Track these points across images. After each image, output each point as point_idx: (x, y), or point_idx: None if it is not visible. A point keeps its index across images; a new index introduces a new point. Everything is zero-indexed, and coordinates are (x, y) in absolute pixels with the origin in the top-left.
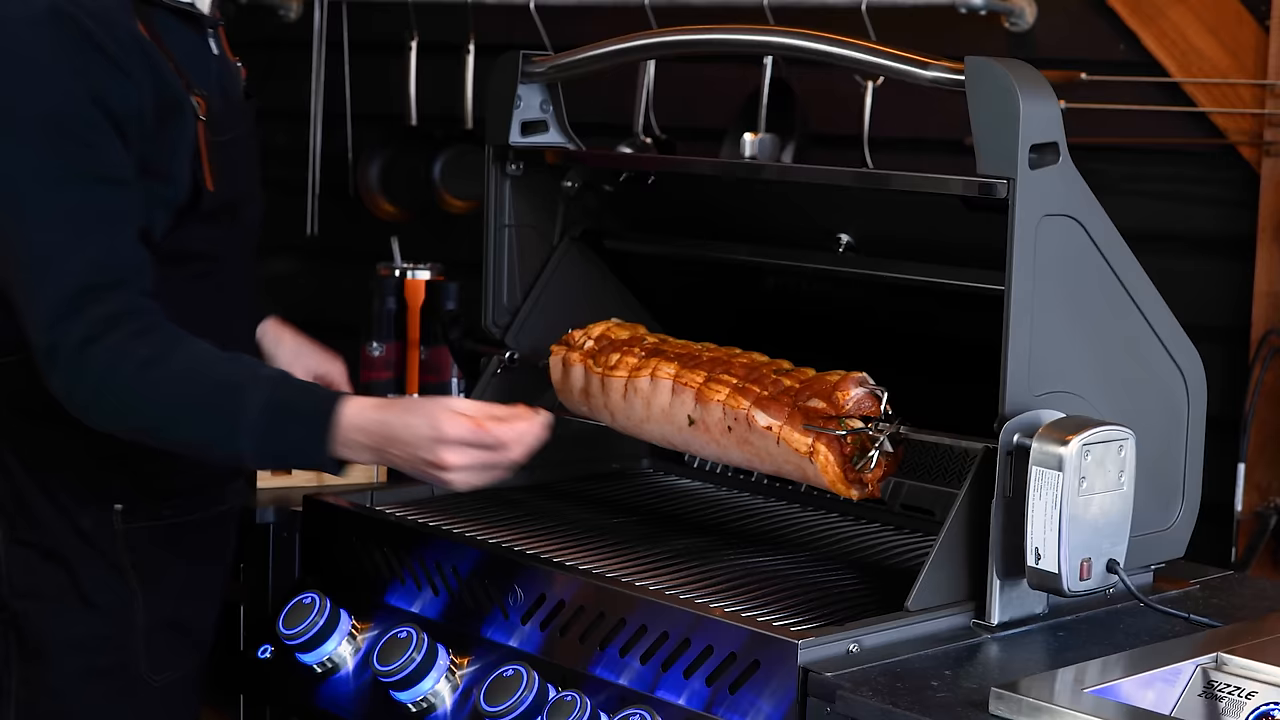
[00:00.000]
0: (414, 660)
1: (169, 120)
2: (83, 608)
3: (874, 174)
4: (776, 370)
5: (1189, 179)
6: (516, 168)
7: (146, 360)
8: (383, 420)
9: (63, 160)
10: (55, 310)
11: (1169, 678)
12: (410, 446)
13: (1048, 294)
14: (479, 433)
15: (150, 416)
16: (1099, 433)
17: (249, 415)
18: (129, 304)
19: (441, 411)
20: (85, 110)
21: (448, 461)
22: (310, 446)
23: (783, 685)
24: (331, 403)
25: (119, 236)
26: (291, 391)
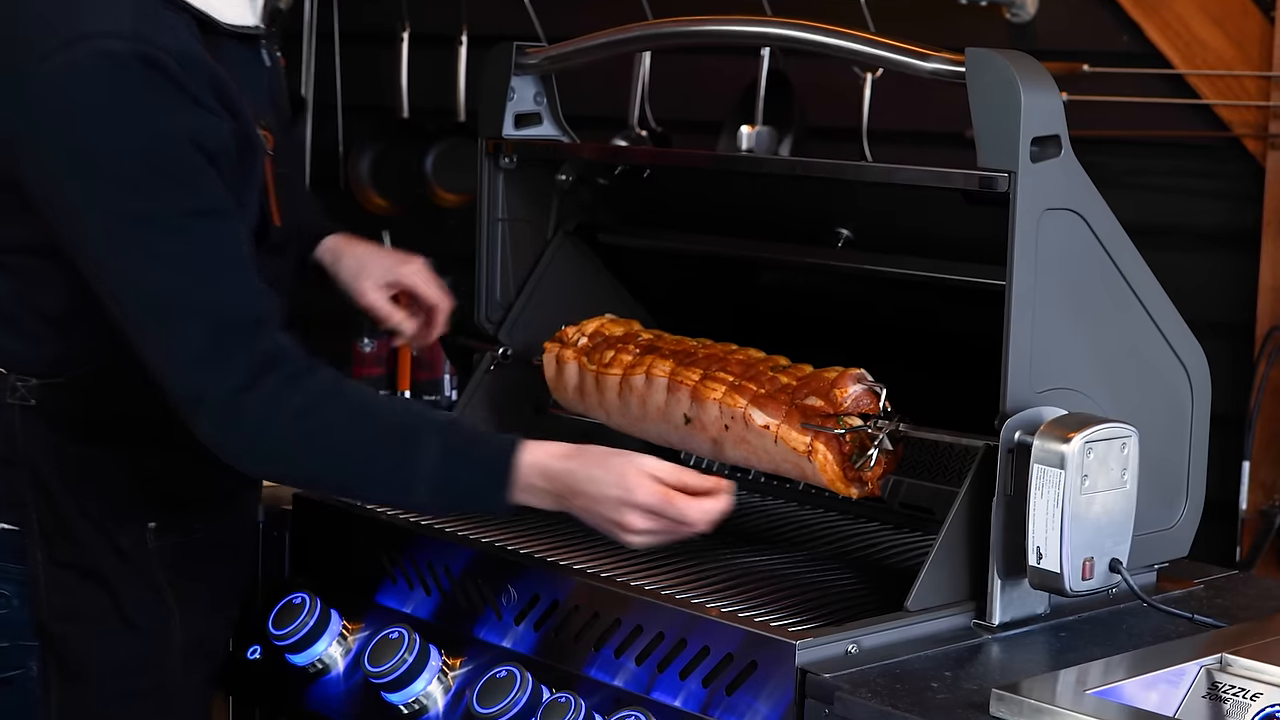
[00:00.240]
0: (406, 661)
1: (246, 157)
2: (124, 629)
3: (873, 167)
4: (773, 367)
5: (1193, 172)
6: (510, 161)
7: (306, 408)
8: (568, 470)
9: (173, 200)
10: (196, 355)
11: (1172, 679)
12: (594, 502)
13: (1049, 289)
14: (667, 506)
15: (314, 467)
16: (1102, 430)
17: (425, 464)
18: (275, 345)
19: (633, 472)
20: (184, 150)
21: (631, 524)
22: (489, 493)
23: (780, 686)
24: (511, 449)
25: (243, 271)
26: (466, 437)
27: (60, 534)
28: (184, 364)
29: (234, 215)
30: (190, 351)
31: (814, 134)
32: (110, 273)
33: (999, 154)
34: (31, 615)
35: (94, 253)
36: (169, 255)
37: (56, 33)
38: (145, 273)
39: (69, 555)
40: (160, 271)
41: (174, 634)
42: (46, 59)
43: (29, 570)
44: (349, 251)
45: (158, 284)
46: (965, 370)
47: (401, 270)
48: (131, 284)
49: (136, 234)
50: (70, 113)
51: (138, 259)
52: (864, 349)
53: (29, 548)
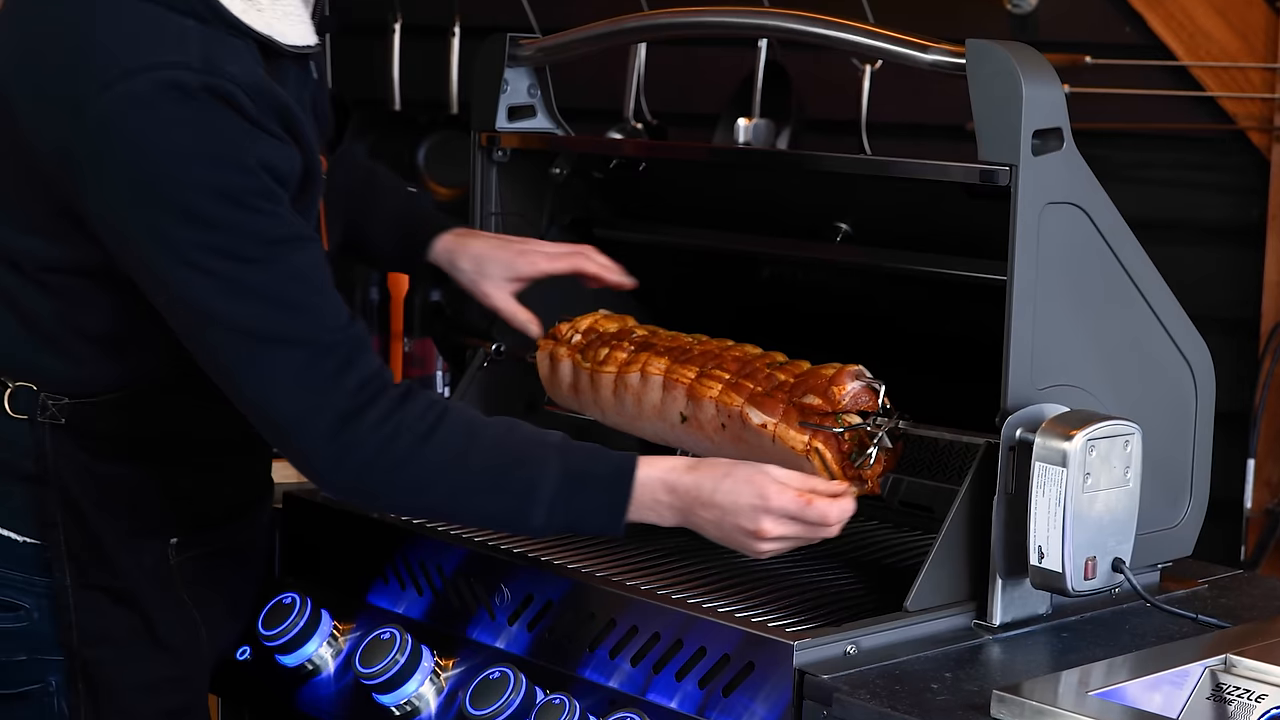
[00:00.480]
0: (397, 662)
1: (307, 185)
2: (156, 650)
3: (872, 161)
4: (770, 364)
5: (1196, 165)
6: (503, 154)
7: (418, 436)
8: (695, 483)
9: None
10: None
11: (1176, 680)
12: (726, 512)
13: (1051, 284)
14: (807, 509)
15: (429, 497)
16: (1104, 427)
17: (544, 490)
18: (373, 370)
19: (767, 480)
20: (259, 180)
21: (767, 531)
22: (607, 513)
23: (778, 688)
24: (629, 467)
25: (333, 296)
26: (583, 457)
27: (90, 555)
28: (279, 396)
29: (315, 239)
30: (289, 384)
31: (812, 127)
32: (193, 310)
33: (1000, 147)
34: (54, 630)
35: (175, 291)
36: (256, 288)
37: (120, 62)
38: (234, 307)
39: (99, 578)
40: (250, 305)
41: (203, 650)
42: (109, 88)
43: (54, 586)
44: (464, 251)
45: (249, 319)
46: (966, 366)
47: (520, 264)
48: (219, 322)
49: (217, 269)
50: (138, 144)
51: (224, 295)
52: (863, 345)
53: (54, 565)
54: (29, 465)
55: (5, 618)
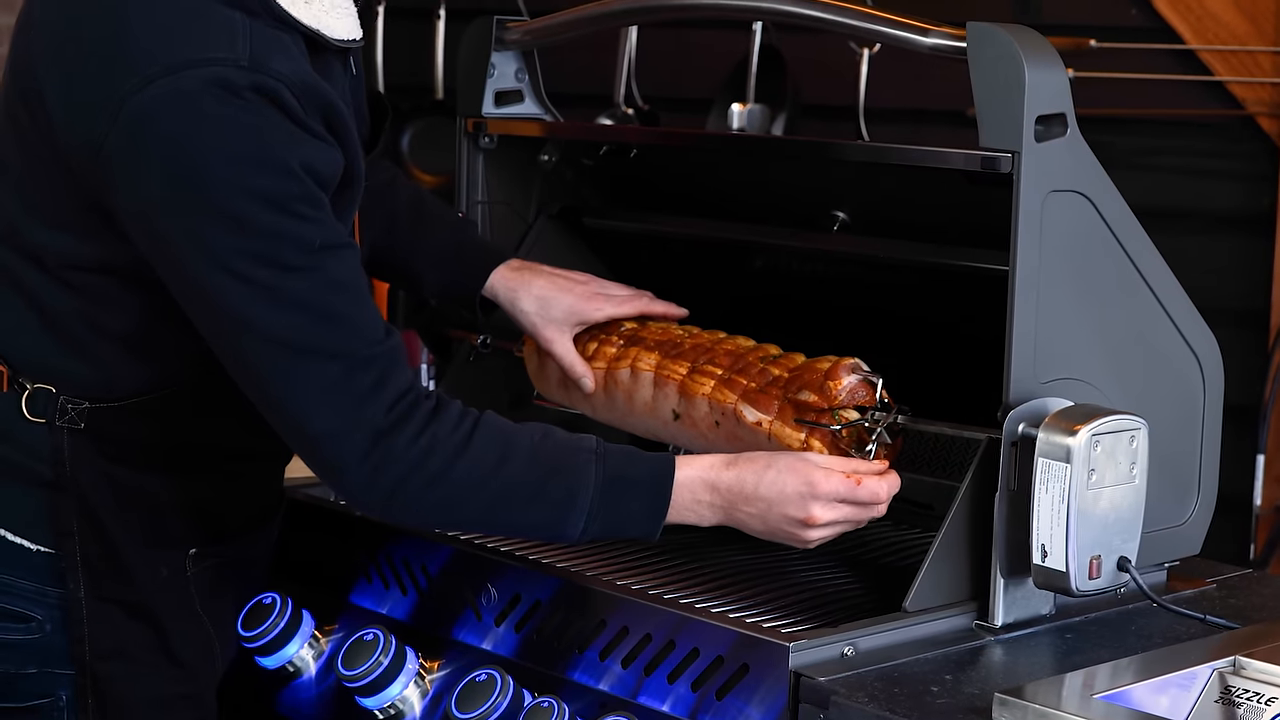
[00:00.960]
0: (381, 664)
1: (347, 187)
2: (170, 665)
3: (870, 147)
4: (764, 357)
5: (1205, 152)
6: (489, 141)
7: (456, 449)
8: (737, 478)
9: (297, 238)
10: (332, 400)
11: (1184, 683)
12: (773, 504)
13: (1054, 275)
14: (856, 489)
15: (470, 511)
16: (1109, 422)
17: (583, 498)
18: (409, 382)
19: (811, 467)
20: (304, 185)
21: (816, 518)
22: (647, 518)
23: (773, 690)
24: (668, 468)
25: (370, 305)
26: (620, 461)
27: (106, 566)
28: (314, 408)
29: (353, 246)
30: (324, 398)
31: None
32: (228, 317)
33: (1002, 133)
34: (66, 643)
35: (210, 297)
36: (296, 297)
37: (160, 57)
38: (271, 316)
39: (115, 590)
40: (288, 315)
41: (217, 664)
42: (151, 83)
43: (67, 597)
44: (527, 290)
45: (286, 329)
46: (966, 360)
47: (587, 308)
48: (255, 331)
49: (258, 277)
50: (179, 144)
51: (261, 303)
52: (860, 337)
53: (69, 575)
54: (46, 471)
55: (16, 629)
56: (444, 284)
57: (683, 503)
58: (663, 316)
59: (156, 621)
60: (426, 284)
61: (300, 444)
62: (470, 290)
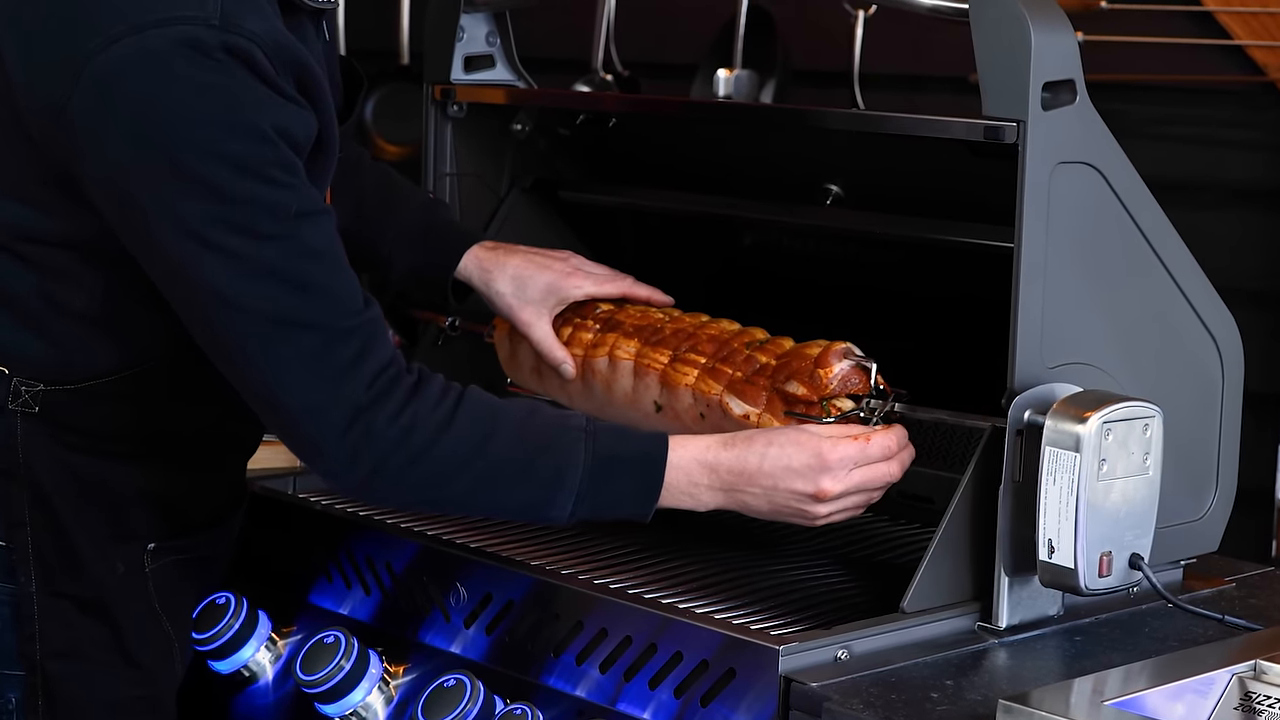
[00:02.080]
0: (342, 669)
1: (321, 152)
2: (126, 666)
3: (866, 116)
4: (749, 342)
5: (1223, 121)
6: (458, 109)
7: (437, 427)
8: (738, 456)
9: (271, 204)
10: (310, 375)
11: (1200, 688)
12: (781, 479)
13: (1063, 252)
14: (866, 447)
15: (449, 491)
16: (1121, 409)
17: (571, 477)
18: (390, 355)
19: (817, 439)
20: (278, 149)
21: (828, 490)
22: (637, 499)
23: (761, 697)
24: (661, 447)
25: (348, 274)
26: (611, 439)
27: (60, 559)
28: (291, 383)
29: (329, 212)
30: (302, 373)
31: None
32: (200, 289)
33: (1006, 101)
34: (15, 641)
35: (181, 268)
36: (271, 266)
37: (128, 14)
38: (246, 287)
39: (68, 585)
40: (263, 285)
41: (176, 667)
42: (116, 42)
43: (18, 592)
44: (501, 269)
45: (261, 300)
46: (969, 343)
47: (566, 286)
48: (229, 303)
49: (230, 246)
50: (147, 107)
51: (235, 273)
52: (855, 318)
53: (19, 569)
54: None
55: None
56: (414, 267)
57: (678, 485)
58: (646, 302)
59: (112, 619)
60: (395, 267)
61: (276, 422)
62: (442, 272)
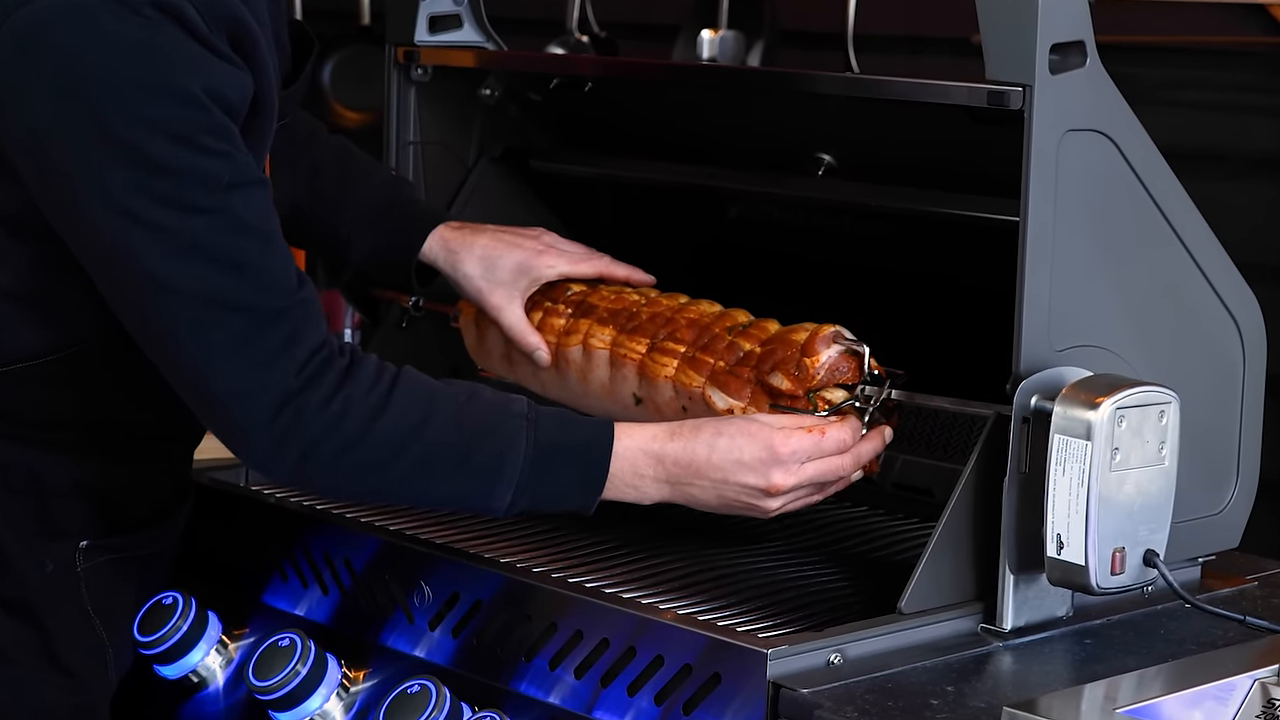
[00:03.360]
0: (298, 674)
1: (257, 117)
2: (54, 673)
3: (860, 80)
4: (731, 327)
5: (1244, 86)
6: (423, 72)
7: (373, 410)
8: (686, 449)
9: (202, 174)
10: (238, 357)
11: (1220, 695)
12: (729, 472)
13: (1072, 226)
14: (820, 440)
15: (382, 480)
16: (1135, 395)
17: (511, 466)
18: (318, 336)
19: (768, 430)
20: (210, 114)
21: (779, 485)
22: (581, 489)
23: (748, 704)
24: (606, 436)
25: (282, 251)
26: (554, 426)
27: None
28: (219, 367)
29: (264, 183)
30: (227, 353)
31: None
32: (125, 266)
33: (1012, 64)
34: None
35: (106, 242)
36: (200, 243)
37: None
38: (173, 265)
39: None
40: (192, 263)
41: (108, 674)
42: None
43: None
44: (469, 250)
45: (189, 278)
46: (971, 324)
47: (538, 265)
48: (155, 280)
49: (156, 219)
50: (70, 67)
51: (163, 250)
52: (848, 297)
53: None
54: None
55: None
56: (375, 248)
57: (622, 476)
58: (624, 282)
59: (39, 622)
60: (355, 249)
61: (202, 406)
62: (406, 254)
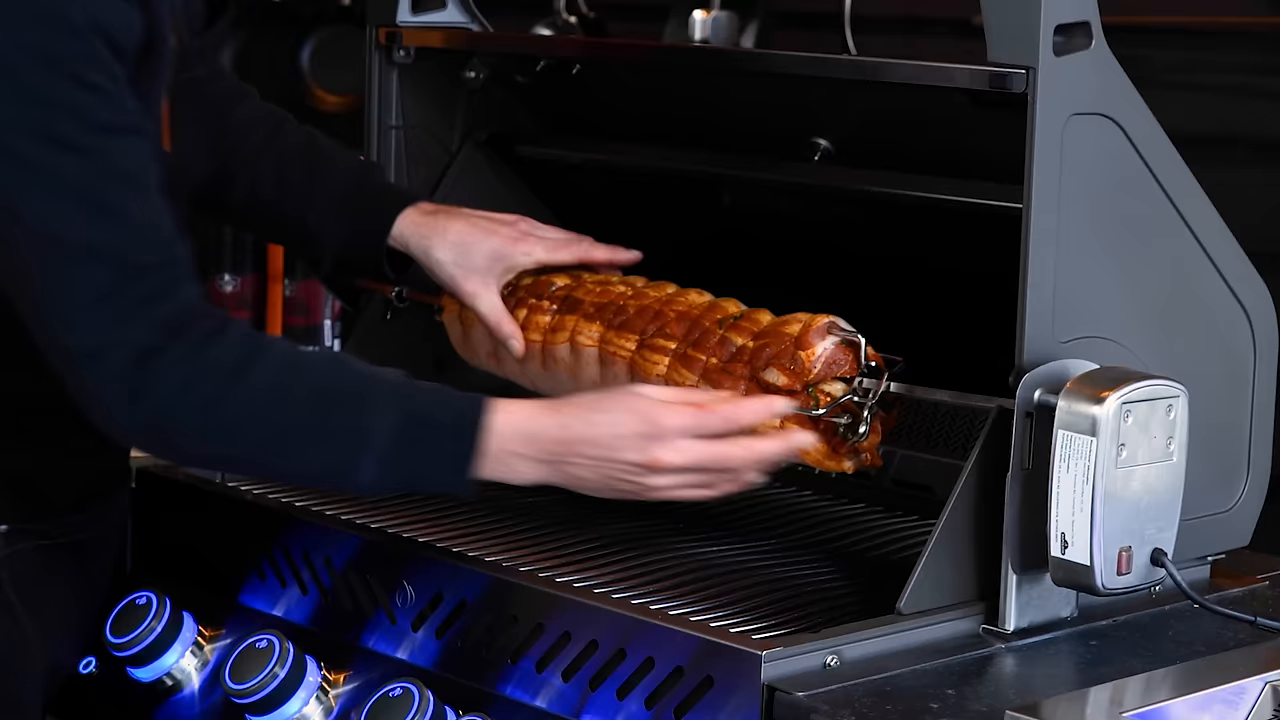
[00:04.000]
0: (276, 676)
1: (147, 61)
2: None
3: (858, 62)
4: (722, 320)
5: (1257, 68)
6: (406, 54)
7: (230, 374)
8: (563, 424)
9: (75, 109)
10: (94, 308)
11: (1230, 698)
12: (609, 449)
13: (1077, 214)
14: (704, 417)
15: (242, 445)
16: (1142, 388)
17: (378, 438)
18: (188, 297)
19: (649, 403)
20: (90, 45)
21: (662, 459)
22: (452, 467)
23: (742, 707)
24: (477, 410)
25: (156, 203)
26: (425, 400)
27: None
28: (78, 319)
29: (149, 134)
30: (87, 304)
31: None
32: None
33: (1014, 46)
34: None
35: None
36: (67, 180)
37: None
38: (35, 202)
39: None
40: (55, 201)
41: (34, 668)
42: None
43: None
44: (442, 235)
45: (50, 217)
46: (972, 315)
47: (514, 253)
48: (22, 220)
49: (25, 153)
50: None
51: (25, 184)
52: (844, 287)
53: None
54: None
55: None
56: (344, 237)
57: (496, 454)
58: (608, 264)
59: None
60: (325, 241)
61: (60, 358)
62: (375, 240)
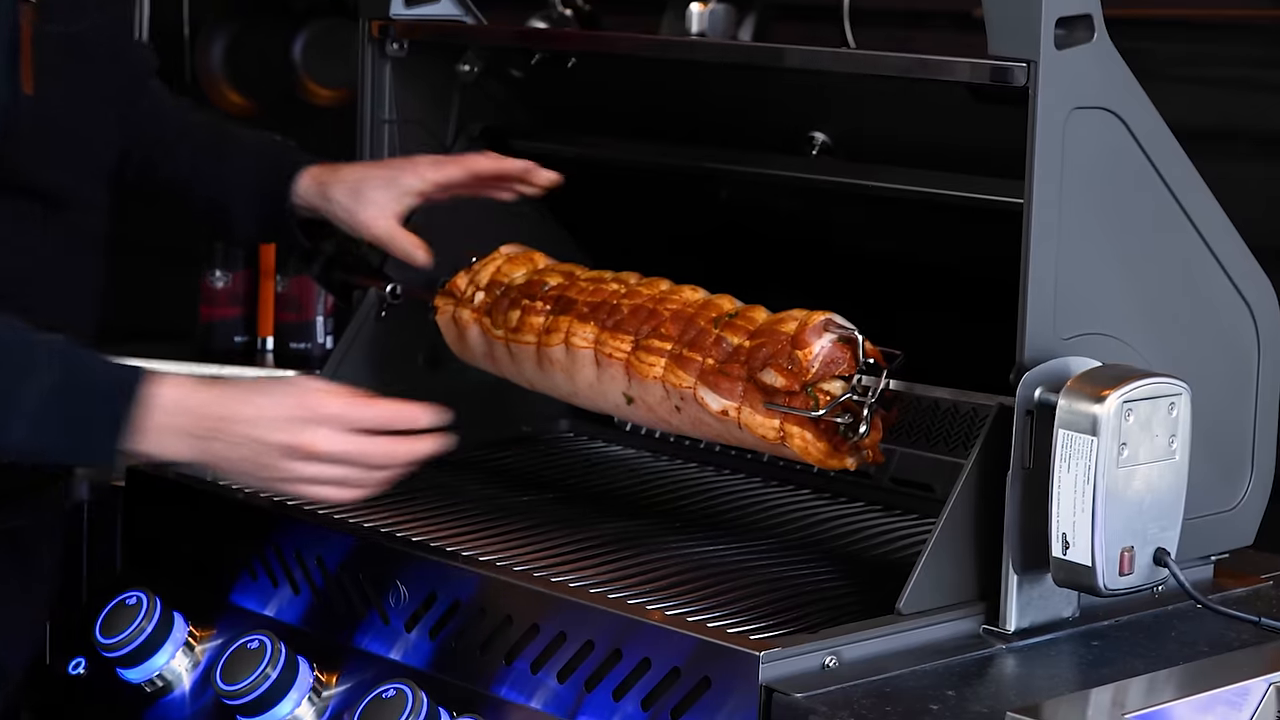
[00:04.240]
0: (268, 677)
1: None
2: None
3: (857, 55)
4: (717, 318)
5: (1259, 61)
6: (399, 47)
7: None
8: (217, 399)
9: None
10: None
11: (1234, 699)
12: (258, 428)
13: (1078, 208)
14: (360, 409)
15: None
16: (1144, 386)
17: (29, 395)
18: None
19: (307, 391)
20: None
21: (313, 444)
22: (104, 433)
23: (740, 708)
24: (134, 380)
25: None
26: (82, 364)
27: None
28: None
29: None
30: None
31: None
32: None
33: (1015, 38)
34: None
35: None
36: None
37: None
38: None
39: None
40: None
41: None
42: None
43: None
44: (336, 179)
45: None
46: (972, 311)
47: (403, 179)
48: None
49: None
50: None
51: None
52: (842, 284)
53: None
54: None
55: None
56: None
57: (153, 424)
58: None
59: None
60: (238, 215)
61: None
62: (279, 203)
